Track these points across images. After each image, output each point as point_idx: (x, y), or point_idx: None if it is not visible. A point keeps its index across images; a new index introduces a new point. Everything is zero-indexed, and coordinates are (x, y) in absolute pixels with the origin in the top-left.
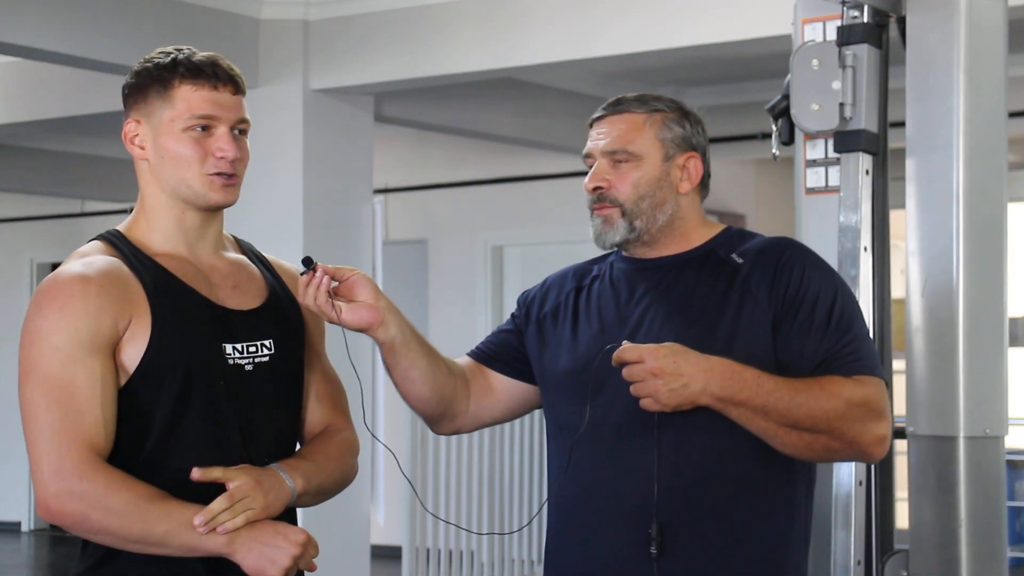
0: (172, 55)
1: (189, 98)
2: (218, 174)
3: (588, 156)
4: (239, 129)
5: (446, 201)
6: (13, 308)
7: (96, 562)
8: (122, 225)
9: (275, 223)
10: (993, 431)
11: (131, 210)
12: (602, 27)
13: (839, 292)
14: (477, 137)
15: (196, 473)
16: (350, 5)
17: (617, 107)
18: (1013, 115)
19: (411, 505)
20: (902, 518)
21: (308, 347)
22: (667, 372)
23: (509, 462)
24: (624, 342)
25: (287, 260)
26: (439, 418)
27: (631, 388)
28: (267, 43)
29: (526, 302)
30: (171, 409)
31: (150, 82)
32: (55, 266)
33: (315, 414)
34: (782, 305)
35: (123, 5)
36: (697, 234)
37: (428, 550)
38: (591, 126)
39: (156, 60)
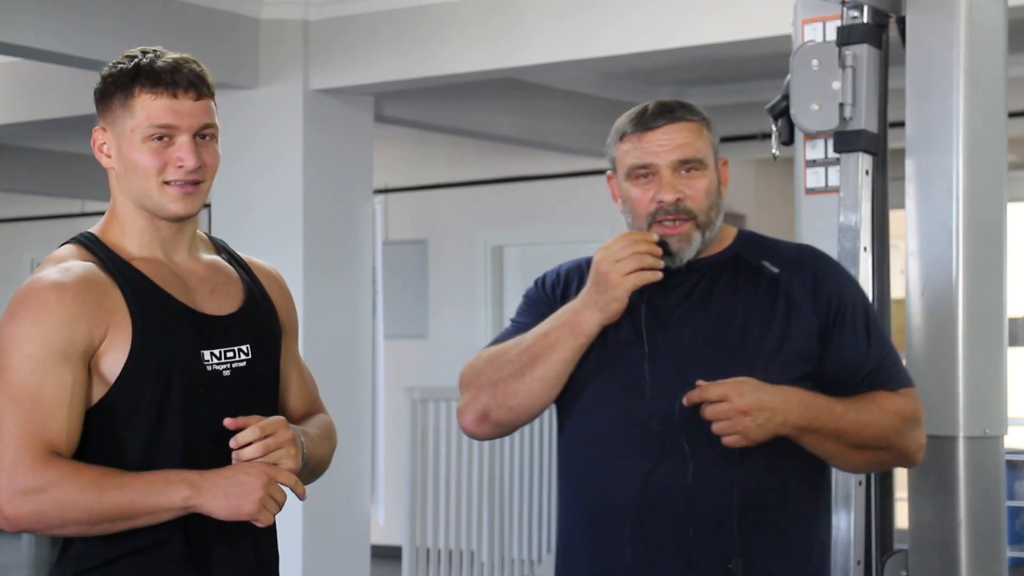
0: (135, 59)
1: (148, 107)
2: (176, 183)
3: (642, 167)
4: (205, 134)
5: (446, 201)
6: None
7: (80, 572)
8: (95, 228)
9: (275, 223)
10: (993, 431)
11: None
12: (602, 27)
13: (868, 302)
14: (477, 137)
15: (233, 442)
16: (350, 5)
17: (672, 115)
18: (1013, 115)
19: (411, 505)
20: (902, 518)
21: (286, 345)
22: (754, 408)
23: (508, 463)
24: (699, 381)
25: (287, 260)
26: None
27: (714, 426)
28: (267, 43)
29: (546, 286)
30: (152, 417)
31: (114, 90)
32: None
33: (293, 406)
34: (826, 316)
35: (123, 5)
36: (720, 236)
37: (428, 550)
38: (633, 136)
39: (120, 65)
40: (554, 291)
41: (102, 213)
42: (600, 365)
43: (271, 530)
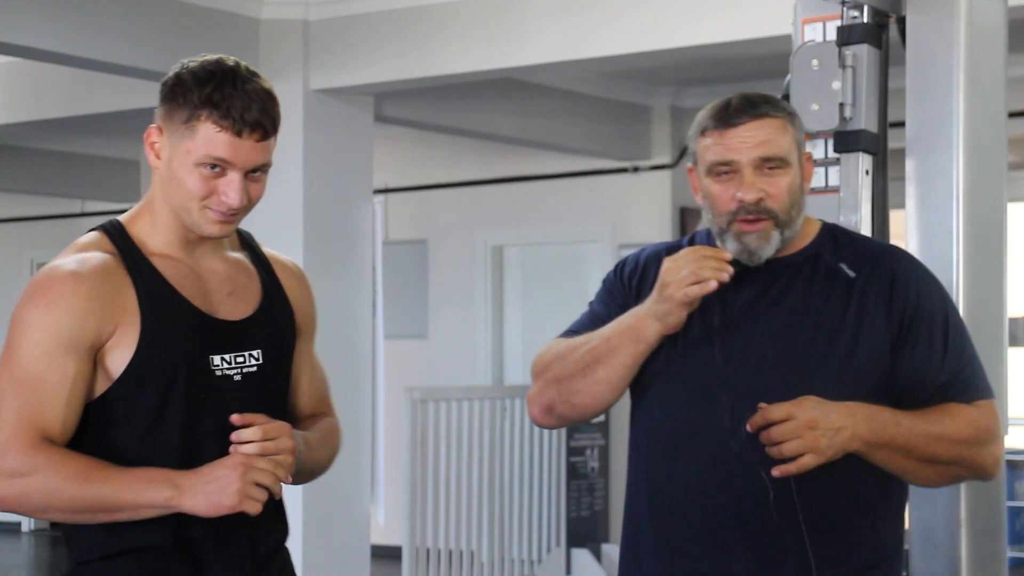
0: (213, 78)
1: (210, 137)
2: (216, 211)
3: (723, 164)
4: (257, 171)
5: (446, 201)
6: (13, 308)
7: (82, 563)
8: (125, 216)
9: (275, 223)
10: None
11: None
12: (602, 27)
13: (950, 308)
14: (477, 137)
15: (234, 437)
16: (350, 5)
17: (756, 111)
18: (1013, 115)
19: (411, 505)
20: None
21: (300, 344)
22: (821, 423)
23: (508, 463)
24: (760, 404)
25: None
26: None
27: (785, 447)
28: (267, 43)
29: (624, 275)
30: (150, 417)
31: (181, 102)
32: None
33: (301, 404)
34: (900, 325)
35: (123, 5)
36: (803, 232)
37: (428, 550)
38: (715, 132)
39: (197, 76)
40: (630, 280)
41: (102, 213)
42: (669, 364)
43: (271, 531)
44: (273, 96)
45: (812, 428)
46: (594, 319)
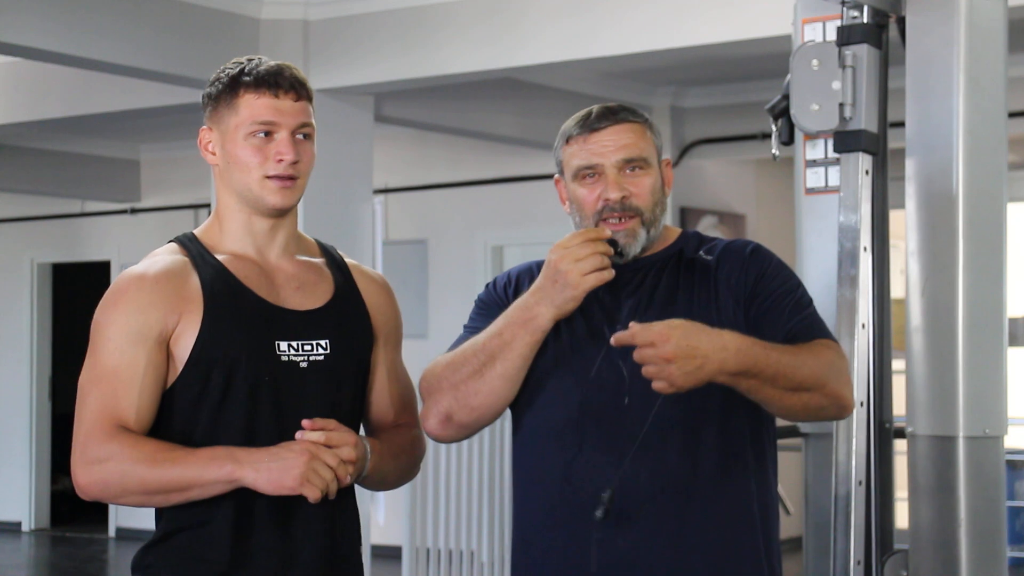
0: (242, 65)
1: (251, 105)
2: (275, 177)
3: (588, 168)
4: (302, 133)
5: (446, 201)
6: (13, 308)
7: (150, 543)
8: (199, 228)
9: None
10: (993, 431)
11: (131, 210)
12: (602, 27)
13: (799, 282)
14: (477, 137)
15: (298, 435)
16: (350, 5)
17: (616, 117)
18: (1013, 115)
19: (411, 505)
20: (902, 518)
21: (379, 349)
22: (680, 356)
23: (509, 463)
24: (631, 323)
25: None
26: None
27: (643, 370)
28: (267, 43)
29: (498, 289)
30: (217, 401)
31: (221, 91)
32: (55, 266)
33: (381, 411)
34: (748, 287)
35: (123, 5)
36: (664, 236)
37: (428, 550)
38: (579, 138)
39: (228, 70)
40: (506, 292)
41: (102, 213)
42: (556, 361)
43: (325, 533)
44: (298, 70)
45: (668, 362)
46: (473, 335)
